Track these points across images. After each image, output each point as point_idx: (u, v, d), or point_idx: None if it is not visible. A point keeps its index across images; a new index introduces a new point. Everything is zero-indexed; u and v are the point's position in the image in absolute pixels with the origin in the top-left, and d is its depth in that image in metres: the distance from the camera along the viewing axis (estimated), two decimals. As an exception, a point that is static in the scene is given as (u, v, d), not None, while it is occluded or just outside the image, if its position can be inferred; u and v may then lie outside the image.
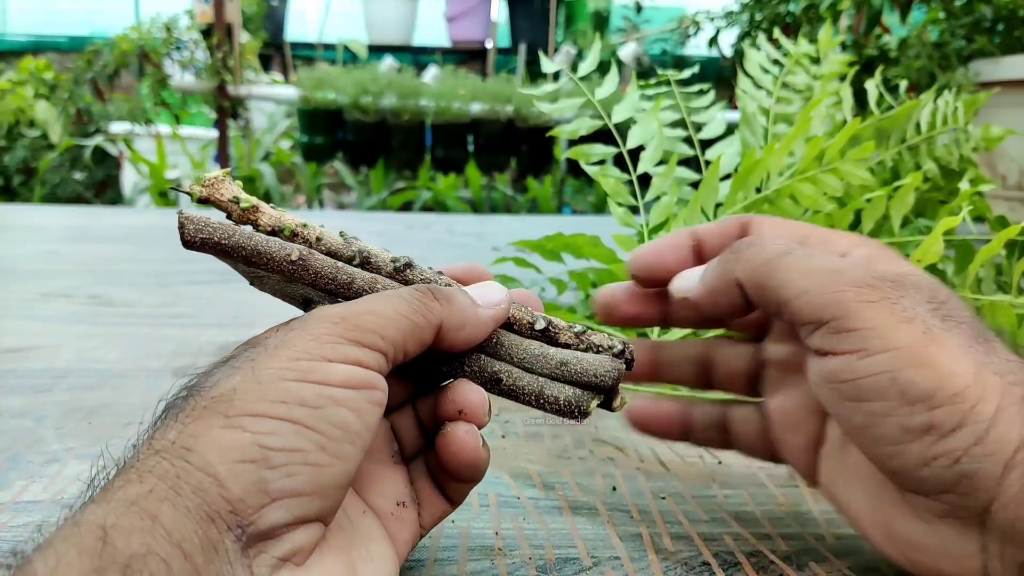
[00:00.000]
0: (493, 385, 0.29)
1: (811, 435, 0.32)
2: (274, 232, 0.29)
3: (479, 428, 0.28)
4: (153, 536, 0.19)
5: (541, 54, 0.58)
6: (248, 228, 0.29)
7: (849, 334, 0.26)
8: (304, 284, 0.29)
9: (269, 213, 0.29)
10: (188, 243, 0.28)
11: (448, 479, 0.30)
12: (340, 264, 0.29)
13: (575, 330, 0.31)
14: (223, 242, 0.28)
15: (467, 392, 0.28)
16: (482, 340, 0.29)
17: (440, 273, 0.31)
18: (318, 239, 0.30)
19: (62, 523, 0.20)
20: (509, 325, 0.31)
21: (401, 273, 0.30)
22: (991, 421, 0.24)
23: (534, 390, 0.29)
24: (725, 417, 0.35)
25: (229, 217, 0.29)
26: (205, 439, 0.21)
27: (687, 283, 0.33)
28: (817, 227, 0.33)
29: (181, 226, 0.28)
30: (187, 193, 0.29)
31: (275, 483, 0.22)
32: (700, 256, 0.34)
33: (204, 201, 0.29)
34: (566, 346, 0.31)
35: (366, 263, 0.30)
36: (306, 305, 0.30)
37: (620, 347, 0.31)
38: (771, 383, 0.34)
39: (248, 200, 0.29)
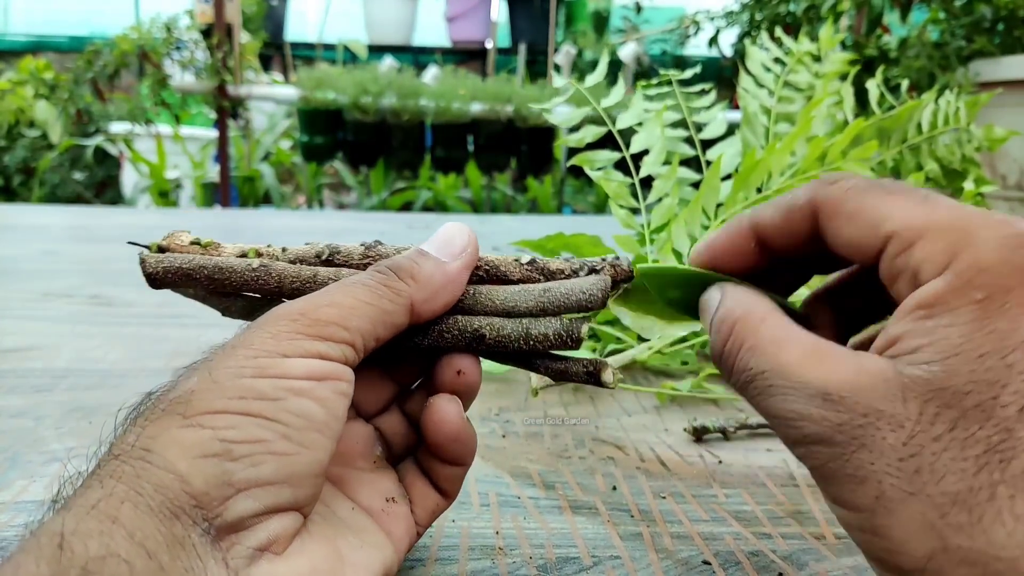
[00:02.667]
0: (478, 343, 0.28)
1: None
2: (240, 257, 0.30)
3: (475, 388, 0.29)
4: (112, 538, 0.19)
5: (551, 69, 0.58)
6: (202, 255, 0.30)
7: (817, 480, 0.23)
8: (271, 294, 0.29)
9: (230, 247, 0.31)
10: (152, 276, 0.29)
11: (437, 464, 0.29)
12: (301, 266, 0.29)
13: (563, 257, 0.30)
14: (185, 267, 0.29)
15: (459, 356, 0.29)
16: (460, 296, 0.28)
17: (410, 245, 0.30)
18: (283, 250, 0.30)
19: (23, 536, 0.20)
20: (497, 270, 0.30)
21: (372, 249, 0.30)
22: None
23: (520, 334, 0.28)
24: None
25: None
26: (163, 439, 0.21)
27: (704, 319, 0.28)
28: (898, 222, 0.25)
29: (143, 263, 0.29)
30: (145, 247, 0.30)
31: (239, 474, 0.22)
32: (764, 254, 0.28)
33: (163, 251, 0.30)
34: (559, 272, 0.29)
35: (335, 254, 0.30)
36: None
37: (600, 263, 0.29)
38: None
39: (207, 239, 0.31)
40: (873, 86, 0.64)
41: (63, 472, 0.24)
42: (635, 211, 0.53)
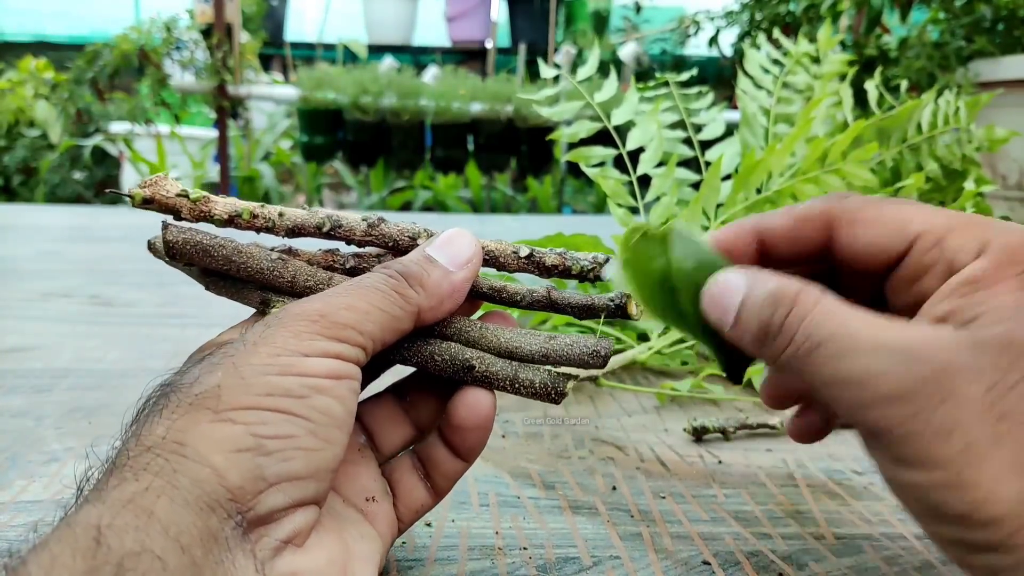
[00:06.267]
0: (465, 373, 0.29)
1: None
2: (232, 218, 0.29)
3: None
4: (148, 533, 0.19)
5: (540, 61, 0.58)
6: (223, 236, 0.29)
7: (889, 446, 0.23)
8: (279, 289, 0.29)
9: (222, 201, 0.29)
10: (171, 245, 0.28)
11: (444, 455, 0.29)
12: (318, 269, 0.29)
13: (556, 251, 0.31)
14: (204, 241, 0.28)
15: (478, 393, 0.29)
16: (466, 329, 0.29)
17: (414, 223, 0.31)
18: (280, 214, 0.30)
19: (57, 524, 0.20)
20: (495, 259, 0.30)
21: (375, 228, 0.30)
22: None
23: (508, 375, 0.29)
24: None
25: (178, 216, 0.29)
26: (196, 433, 0.22)
27: (717, 315, 0.27)
28: (924, 221, 0.27)
29: (165, 229, 0.28)
30: (128, 196, 0.28)
31: (271, 468, 0.22)
32: (762, 259, 0.29)
33: (148, 202, 0.28)
34: (553, 267, 0.30)
35: (337, 227, 0.30)
36: (264, 306, 0.30)
37: (591, 262, 0.30)
38: None
39: (196, 192, 0.29)
40: (872, 86, 0.64)
41: (85, 460, 0.24)
42: (634, 210, 0.53)
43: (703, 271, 0.27)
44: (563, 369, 0.31)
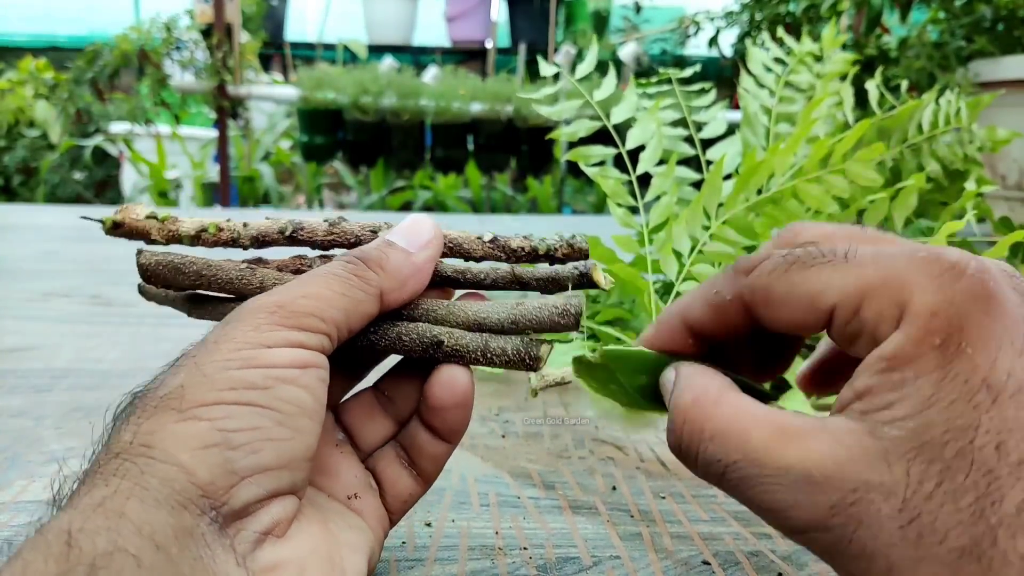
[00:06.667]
0: (435, 349, 0.28)
1: None
2: (198, 233, 0.30)
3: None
4: (120, 533, 0.19)
5: (540, 58, 0.58)
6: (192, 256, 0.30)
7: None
8: (250, 295, 0.29)
9: (188, 220, 0.30)
10: (144, 268, 0.29)
11: (426, 439, 0.29)
12: (284, 274, 0.30)
13: (521, 235, 0.31)
14: (176, 262, 0.29)
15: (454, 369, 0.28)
16: (425, 286, 0.29)
17: (373, 223, 0.31)
18: (244, 225, 0.31)
19: (31, 535, 0.20)
20: (460, 247, 0.30)
21: (336, 226, 0.30)
22: None
23: (479, 346, 0.28)
24: None
25: (150, 240, 0.30)
26: (162, 433, 0.22)
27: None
28: (839, 290, 0.26)
29: (139, 254, 0.30)
30: (99, 222, 0.30)
31: (241, 461, 0.22)
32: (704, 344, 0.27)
33: (118, 226, 0.30)
34: (519, 250, 0.30)
35: (299, 230, 0.30)
36: None
37: (558, 242, 0.30)
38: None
39: (164, 213, 0.30)
40: (873, 86, 0.64)
41: (59, 474, 0.24)
42: (634, 210, 0.53)
43: (652, 376, 0.27)
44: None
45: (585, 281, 0.29)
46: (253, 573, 0.22)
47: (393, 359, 0.31)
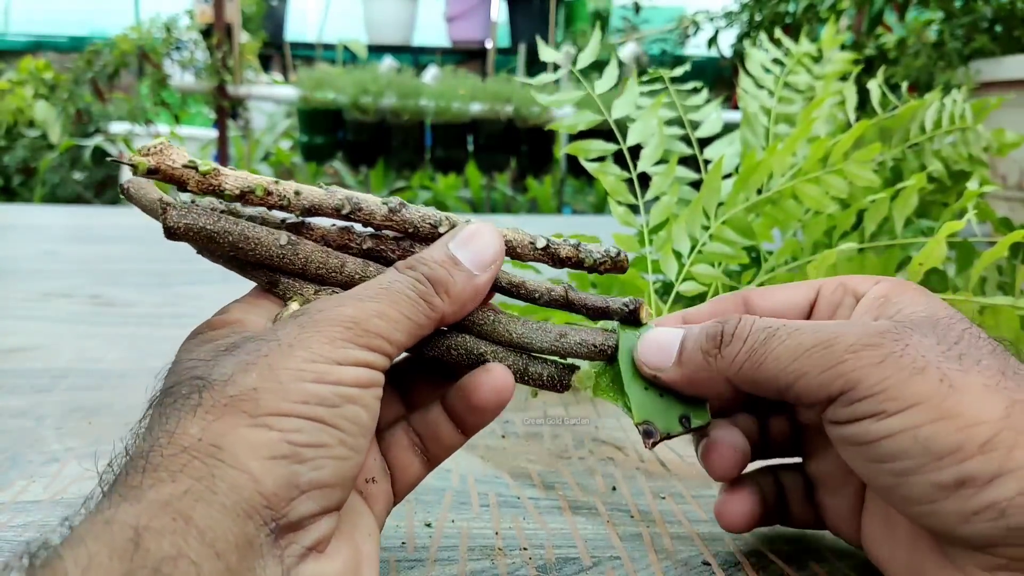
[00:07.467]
0: (479, 364, 0.29)
1: (852, 496, 0.30)
2: (243, 194, 0.27)
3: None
4: (185, 538, 0.19)
5: (539, 39, 0.57)
6: (229, 217, 0.28)
7: (863, 402, 0.24)
8: (291, 274, 0.29)
9: (233, 175, 0.27)
10: (171, 230, 0.27)
11: (446, 431, 0.30)
12: (329, 252, 0.29)
13: (571, 243, 0.31)
14: (209, 228, 0.27)
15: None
16: (481, 320, 0.30)
17: (435, 210, 0.30)
18: (296, 193, 0.28)
19: (89, 515, 0.20)
20: (512, 248, 0.30)
21: (396, 214, 0.29)
22: None
23: (519, 369, 0.30)
24: (783, 487, 0.33)
25: (184, 189, 0.27)
26: (233, 437, 0.22)
27: (658, 358, 0.29)
28: (822, 279, 0.31)
29: (164, 211, 0.26)
30: (130, 165, 0.26)
31: (305, 476, 0.22)
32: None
33: (153, 172, 0.26)
34: (567, 260, 0.31)
35: (357, 210, 0.29)
36: (271, 286, 0.29)
37: (603, 255, 0.31)
38: (808, 445, 0.33)
39: (207, 163, 0.27)
40: (874, 86, 0.64)
41: (77, 466, 0.24)
42: (634, 208, 0.53)
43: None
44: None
45: (631, 317, 0.31)
46: None
47: None
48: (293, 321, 0.25)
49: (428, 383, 0.32)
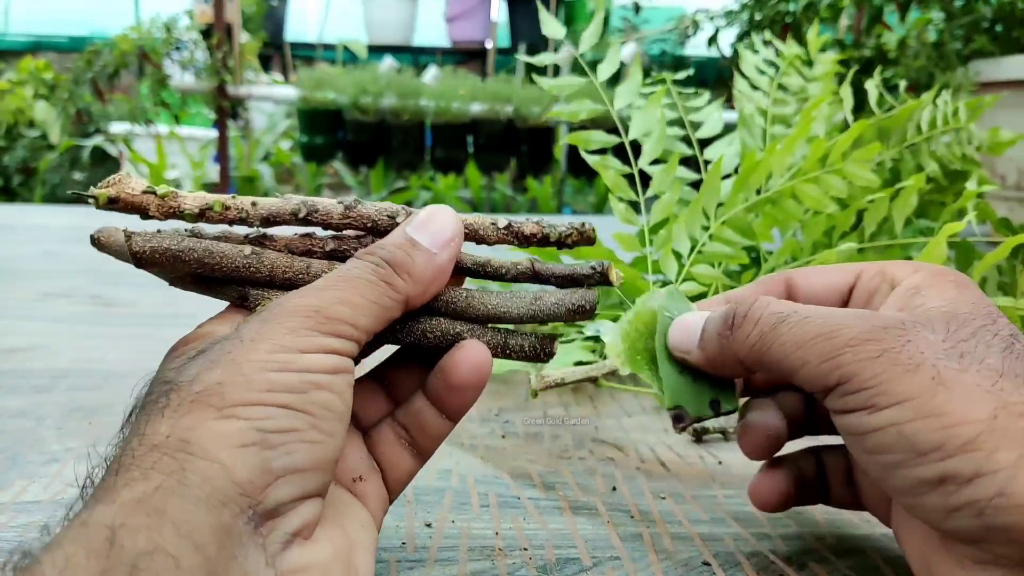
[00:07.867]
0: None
1: None
2: (203, 211, 0.28)
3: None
4: (160, 532, 0.19)
5: (542, 13, 0.57)
6: (193, 237, 0.28)
7: (856, 395, 0.25)
8: (259, 284, 0.29)
9: (191, 196, 0.28)
10: (138, 255, 0.27)
11: (430, 418, 0.30)
12: (294, 257, 0.29)
13: (533, 220, 0.31)
14: (174, 248, 0.27)
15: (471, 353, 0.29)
16: (452, 300, 0.29)
17: (389, 207, 0.30)
18: (253, 204, 0.29)
19: (68, 522, 0.20)
20: (475, 232, 0.30)
21: (352, 210, 0.29)
22: (1014, 468, 0.22)
23: (498, 343, 0.30)
24: (825, 467, 0.34)
25: (147, 216, 0.28)
26: (201, 430, 0.22)
27: (684, 341, 0.31)
28: (864, 263, 0.32)
29: (129, 240, 0.27)
30: (92, 198, 0.27)
31: (276, 461, 0.22)
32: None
33: (113, 202, 0.27)
34: (532, 236, 0.30)
35: (313, 212, 0.29)
36: (242, 300, 0.29)
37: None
38: None
39: (163, 187, 0.28)
40: (872, 86, 0.64)
41: (77, 467, 0.24)
42: (635, 205, 0.52)
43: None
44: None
45: (600, 279, 0.30)
46: (281, 574, 0.22)
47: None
48: (255, 318, 0.26)
49: (410, 376, 0.31)
